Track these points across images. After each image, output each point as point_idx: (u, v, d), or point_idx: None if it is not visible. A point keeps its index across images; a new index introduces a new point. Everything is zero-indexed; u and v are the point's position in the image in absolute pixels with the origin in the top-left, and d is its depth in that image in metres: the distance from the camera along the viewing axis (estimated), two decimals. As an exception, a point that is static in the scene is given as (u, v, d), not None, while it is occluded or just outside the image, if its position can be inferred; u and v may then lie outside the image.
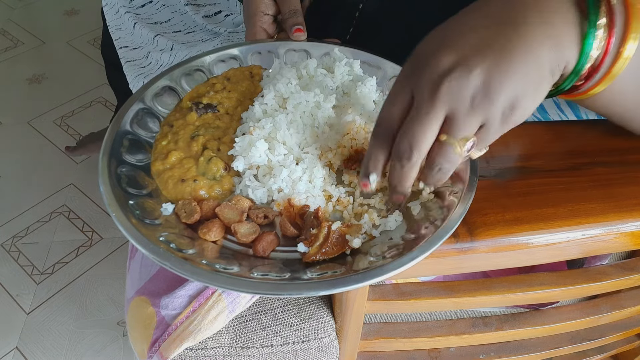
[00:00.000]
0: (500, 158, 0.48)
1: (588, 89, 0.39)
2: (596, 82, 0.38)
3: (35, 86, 1.78)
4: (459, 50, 0.35)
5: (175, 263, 0.37)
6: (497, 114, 0.35)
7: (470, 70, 0.34)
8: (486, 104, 0.35)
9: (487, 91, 0.34)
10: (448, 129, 0.36)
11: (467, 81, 0.34)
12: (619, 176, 0.46)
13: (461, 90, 0.34)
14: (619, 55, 0.36)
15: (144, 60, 0.82)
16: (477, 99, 0.35)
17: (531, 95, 0.36)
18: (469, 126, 0.36)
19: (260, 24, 0.61)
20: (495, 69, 0.34)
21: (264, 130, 0.47)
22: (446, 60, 0.35)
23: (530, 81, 0.35)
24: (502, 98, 0.35)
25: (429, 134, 0.36)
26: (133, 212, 0.41)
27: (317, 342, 0.52)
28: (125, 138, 0.48)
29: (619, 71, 0.37)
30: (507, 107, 0.35)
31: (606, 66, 0.37)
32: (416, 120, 0.36)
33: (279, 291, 0.37)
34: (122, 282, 1.25)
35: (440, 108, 0.35)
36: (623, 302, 0.57)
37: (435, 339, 0.54)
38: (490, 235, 0.41)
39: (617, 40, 0.36)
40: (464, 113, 0.35)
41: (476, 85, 0.34)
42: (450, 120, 0.36)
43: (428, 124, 0.36)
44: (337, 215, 0.45)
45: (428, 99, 0.35)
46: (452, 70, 0.34)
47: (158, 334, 0.49)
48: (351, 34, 0.68)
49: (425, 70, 0.36)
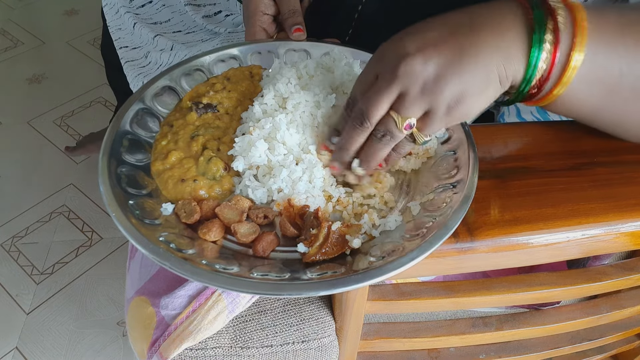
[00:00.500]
0: (500, 158, 0.48)
1: (544, 97, 0.43)
2: (549, 90, 0.42)
3: (35, 86, 1.78)
4: (421, 40, 0.40)
5: (175, 263, 0.37)
6: (442, 105, 0.40)
7: (427, 60, 0.39)
8: (434, 92, 0.39)
9: (436, 81, 0.39)
10: (396, 106, 0.41)
11: (422, 67, 0.39)
12: (619, 176, 0.46)
13: (416, 73, 0.39)
14: (567, 66, 0.40)
15: (143, 60, 0.82)
16: (427, 86, 0.39)
17: (476, 96, 0.40)
18: (414, 108, 0.41)
19: (259, 23, 0.61)
20: (448, 64, 0.39)
21: (264, 130, 0.47)
22: (409, 45, 0.40)
23: (476, 83, 0.40)
24: (449, 91, 0.39)
25: (382, 104, 0.41)
26: (133, 212, 0.41)
27: (317, 342, 0.52)
28: (125, 138, 0.48)
29: (569, 80, 0.41)
30: (452, 101, 0.40)
31: (555, 75, 0.41)
32: (374, 91, 0.41)
33: (279, 291, 0.37)
34: (122, 282, 1.25)
35: (395, 85, 0.40)
36: (623, 302, 0.57)
37: (435, 339, 0.54)
38: (490, 235, 0.41)
39: (564, 54, 0.40)
40: (413, 95, 0.40)
41: (429, 74, 0.39)
42: (400, 99, 0.41)
43: (382, 95, 0.41)
44: (337, 216, 0.45)
45: (387, 74, 0.40)
46: (412, 55, 0.39)
47: (158, 334, 0.49)
48: (350, 35, 0.68)
49: (390, 53, 0.41)
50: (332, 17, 0.69)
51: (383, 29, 0.65)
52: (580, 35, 0.40)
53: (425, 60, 0.39)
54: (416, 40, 0.40)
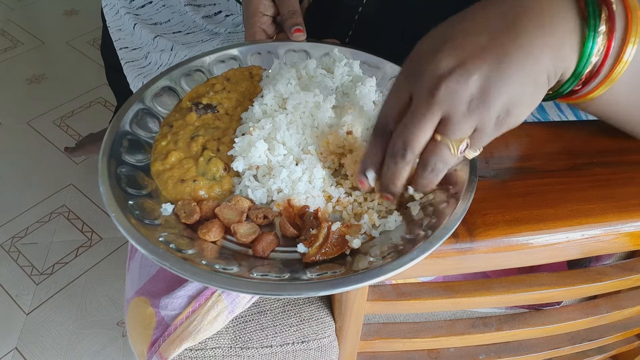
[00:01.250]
0: (499, 158, 0.48)
1: (587, 93, 0.40)
2: (595, 86, 0.39)
3: (34, 86, 1.78)
4: (458, 53, 0.35)
5: (175, 263, 0.37)
6: (492, 118, 0.36)
7: (469, 74, 0.35)
8: (482, 109, 0.35)
9: (483, 96, 0.35)
10: (443, 130, 0.37)
11: (465, 85, 0.35)
12: (619, 176, 0.46)
13: (459, 93, 0.35)
14: (619, 59, 0.37)
15: (143, 60, 0.82)
16: (474, 103, 0.35)
17: (527, 102, 0.36)
18: (464, 128, 0.36)
19: (259, 24, 0.61)
20: (494, 75, 0.35)
21: (264, 131, 0.47)
22: (445, 62, 0.35)
23: (526, 88, 0.36)
24: (498, 103, 0.35)
25: (424, 134, 0.37)
26: (132, 213, 0.41)
27: (316, 343, 0.52)
28: (125, 138, 0.48)
29: (619, 75, 0.38)
30: (502, 112, 0.36)
31: (606, 70, 0.37)
32: (413, 119, 0.37)
33: (279, 291, 0.37)
34: (121, 283, 1.25)
35: (437, 109, 0.36)
36: (623, 302, 0.57)
37: (435, 340, 0.54)
38: (490, 236, 0.41)
39: (617, 45, 0.36)
40: (460, 116, 0.36)
41: (473, 89, 0.35)
42: (445, 121, 0.36)
43: (424, 124, 0.36)
44: (337, 216, 0.45)
45: (425, 99, 0.36)
46: (451, 73, 0.35)
47: (157, 334, 0.49)
48: (350, 35, 0.68)
49: (424, 71, 0.36)
50: (332, 18, 0.69)
51: (383, 30, 0.65)
52: (635, 25, 0.36)
53: (468, 76, 0.34)
54: (452, 53, 0.35)
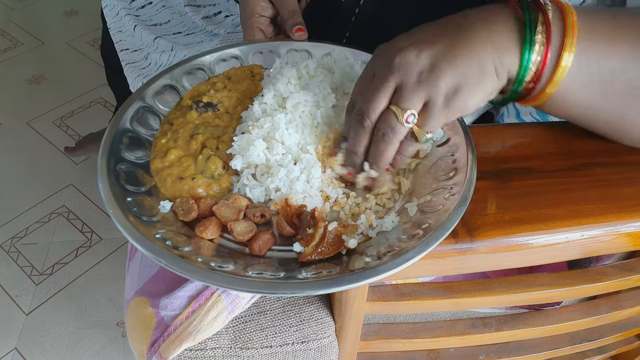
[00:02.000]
0: (499, 159, 0.48)
1: (536, 95, 0.43)
2: (542, 88, 0.42)
3: (34, 87, 1.78)
4: (413, 39, 0.41)
5: (171, 260, 0.37)
6: (440, 95, 0.40)
7: (421, 51, 0.40)
8: (430, 80, 0.40)
9: (432, 70, 0.40)
10: (395, 99, 0.41)
11: (416, 58, 0.40)
12: (618, 177, 0.46)
13: (411, 63, 0.40)
14: (558, 65, 0.41)
15: (143, 61, 0.82)
16: (423, 75, 0.40)
17: (473, 87, 0.40)
18: (413, 99, 0.41)
19: (257, 25, 0.62)
20: (441, 55, 0.40)
21: (263, 130, 0.47)
22: (402, 43, 0.41)
23: (472, 73, 0.40)
24: (446, 80, 0.40)
25: (379, 99, 0.41)
26: (131, 209, 0.41)
27: (316, 343, 0.52)
28: (125, 135, 0.48)
29: (560, 78, 0.41)
30: (450, 91, 0.40)
31: (547, 75, 0.41)
32: (370, 88, 0.42)
33: (273, 290, 0.36)
34: (121, 283, 1.25)
35: (392, 77, 0.41)
36: (622, 302, 0.57)
37: (435, 340, 0.54)
38: (490, 236, 0.41)
39: (554, 52, 0.40)
40: (410, 86, 0.40)
41: (424, 63, 0.40)
42: (398, 90, 0.41)
43: (379, 91, 0.41)
44: (335, 216, 0.45)
45: (382, 70, 0.41)
46: (405, 47, 0.40)
47: (157, 334, 0.49)
48: (348, 36, 0.68)
49: (384, 51, 0.42)
50: (330, 18, 0.69)
51: (381, 30, 0.65)
52: (570, 35, 0.40)
53: (419, 52, 0.40)
54: (409, 38, 0.41)
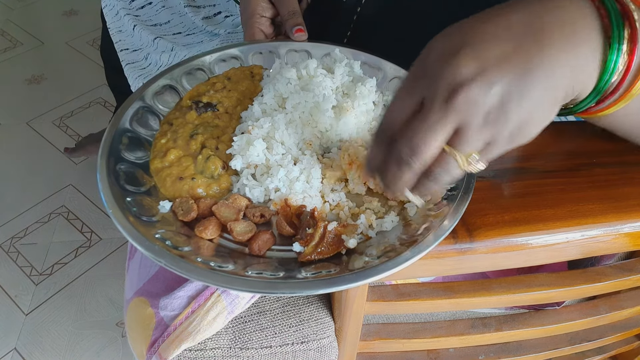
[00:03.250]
0: (499, 158, 0.48)
1: (602, 109, 0.39)
2: (611, 103, 0.38)
3: (34, 87, 1.78)
4: (479, 60, 0.33)
5: (170, 260, 0.37)
6: (506, 134, 0.34)
7: (491, 85, 0.32)
8: (499, 122, 0.33)
9: (502, 110, 0.33)
10: (454, 141, 0.34)
11: (485, 96, 0.32)
12: (618, 177, 0.46)
13: (478, 104, 0.33)
14: (638, 76, 0.36)
15: (144, 62, 0.82)
16: (492, 116, 0.33)
17: (541, 119, 0.35)
18: (477, 142, 0.34)
19: (257, 25, 0.61)
20: (515, 88, 0.33)
21: (263, 130, 0.47)
22: (465, 69, 0.33)
23: (544, 105, 0.34)
24: (515, 119, 0.34)
25: (435, 142, 0.34)
26: (130, 209, 0.41)
27: (316, 343, 0.52)
28: (125, 136, 0.48)
29: (637, 92, 0.37)
30: (517, 128, 0.34)
31: (624, 88, 0.37)
32: (424, 125, 0.34)
33: (273, 290, 0.36)
34: (121, 283, 1.24)
35: (452, 118, 0.33)
36: (622, 302, 0.57)
37: (435, 340, 0.54)
38: (490, 236, 0.41)
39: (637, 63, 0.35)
40: (475, 128, 0.33)
41: (493, 101, 0.33)
42: (459, 132, 0.34)
43: (436, 132, 0.34)
44: (334, 216, 0.45)
45: (441, 106, 0.33)
46: (472, 82, 0.32)
47: (157, 334, 0.49)
48: (349, 36, 0.68)
49: (441, 75, 0.33)
50: (331, 18, 0.69)
51: (381, 31, 0.65)
52: None
53: (489, 86, 0.32)
54: (474, 59, 0.33)
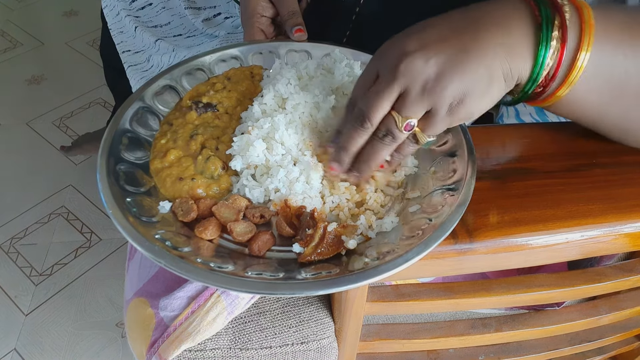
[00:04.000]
0: (498, 159, 0.48)
1: (549, 96, 0.42)
2: (555, 89, 0.41)
3: (34, 87, 1.78)
4: (421, 40, 0.39)
5: (170, 261, 0.37)
6: (444, 104, 0.39)
7: (428, 58, 0.38)
8: (435, 91, 0.39)
9: (438, 80, 0.38)
10: (397, 106, 0.40)
11: (423, 66, 0.38)
12: (618, 177, 0.46)
13: (416, 71, 0.38)
14: (574, 65, 0.39)
15: (145, 63, 0.82)
16: (429, 84, 0.39)
17: (479, 95, 0.39)
18: (416, 108, 0.40)
19: (257, 25, 0.62)
20: (449, 63, 0.38)
21: (262, 130, 0.47)
22: (409, 45, 0.39)
23: (480, 82, 0.39)
24: (451, 90, 0.38)
25: (382, 104, 0.40)
26: (130, 210, 0.41)
27: (316, 344, 0.52)
28: (125, 136, 0.48)
29: (575, 79, 0.40)
30: (455, 100, 0.39)
31: (562, 74, 0.40)
32: (374, 90, 0.41)
33: (273, 290, 0.36)
34: (120, 284, 1.24)
35: (396, 84, 0.39)
36: (622, 303, 0.57)
37: (435, 340, 0.54)
38: (489, 237, 0.41)
39: (570, 53, 0.39)
40: (415, 94, 0.39)
41: (430, 71, 0.38)
42: (401, 97, 0.40)
43: (382, 95, 0.40)
44: (334, 216, 0.45)
45: (387, 73, 0.40)
46: (412, 53, 0.39)
47: (157, 335, 0.49)
48: (349, 36, 0.68)
49: (391, 52, 0.40)
50: (331, 18, 0.69)
51: (381, 30, 0.65)
52: (587, 34, 0.39)
53: (427, 58, 0.38)
54: (417, 39, 0.39)
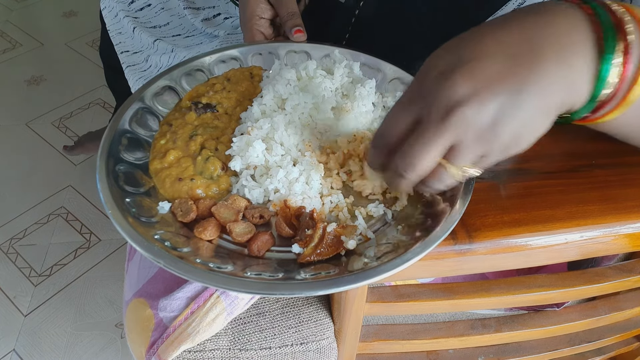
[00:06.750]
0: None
1: (598, 118, 0.39)
2: (606, 112, 0.38)
3: (33, 88, 1.78)
4: (473, 80, 0.35)
5: (169, 261, 0.37)
6: (499, 148, 0.36)
7: (484, 105, 0.34)
8: (491, 139, 0.35)
9: (495, 127, 0.35)
10: (449, 157, 0.36)
11: (479, 115, 0.34)
12: (617, 178, 0.46)
13: (472, 122, 0.34)
14: (632, 86, 0.36)
15: (144, 64, 0.82)
16: (485, 134, 0.35)
17: (534, 132, 0.36)
18: (471, 156, 0.36)
19: (256, 27, 0.62)
20: (508, 107, 0.34)
21: (262, 131, 0.47)
22: (460, 88, 0.35)
23: (536, 120, 0.36)
24: (506, 135, 0.35)
25: (431, 158, 0.36)
26: (129, 210, 0.41)
27: (315, 344, 0.52)
28: (124, 136, 0.48)
29: (632, 102, 0.37)
30: (509, 142, 0.36)
31: (618, 98, 0.37)
32: (420, 141, 0.36)
33: (272, 291, 0.36)
34: (120, 284, 1.24)
35: (447, 136, 0.35)
36: (621, 304, 0.57)
37: (434, 341, 0.54)
38: (489, 237, 0.41)
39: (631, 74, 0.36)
40: (469, 144, 0.35)
41: (487, 119, 0.35)
42: (453, 149, 0.36)
43: (432, 148, 0.36)
44: (333, 217, 0.45)
45: (437, 124, 0.35)
46: (466, 102, 0.34)
47: (156, 336, 0.49)
48: (348, 37, 0.68)
49: (437, 94, 0.35)
50: (329, 19, 0.69)
51: (380, 32, 0.65)
52: None
53: (483, 105, 0.34)
54: (469, 78, 0.35)
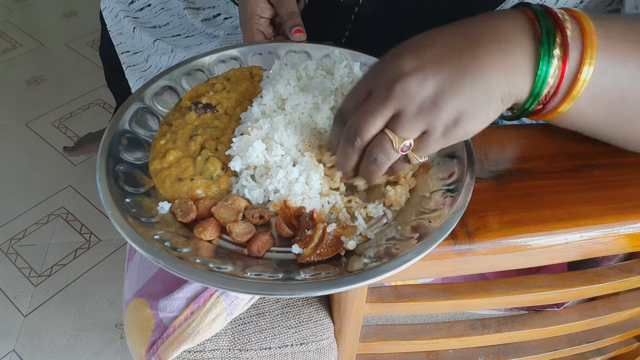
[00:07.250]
0: (497, 160, 0.48)
1: (551, 111, 0.41)
2: (556, 104, 0.40)
3: (33, 88, 1.78)
4: (418, 60, 0.38)
5: (169, 261, 0.37)
6: (440, 125, 0.38)
7: (425, 78, 0.37)
8: (431, 112, 0.38)
9: (434, 101, 0.38)
10: (392, 125, 0.39)
11: (419, 86, 0.37)
12: (617, 178, 0.46)
13: (412, 92, 0.38)
14: (576, 80, 0.38)
15: (144, 64, 0.82)
16: (425, 106, 0.38)
17: (476, 116, 0.38)
18: (411, 128, 0.39)
19: (256, 26, 0.62)
20: (446, 84, 0.37)
21: (262, 131, 0.47)
22: (406, 64, 0.38)
23: (476, 103, 0.38)
24: (447, 111, 0.38)
25: (374, 124, 0.40)
26: (129, 210, 0.41)
27: (315, 345, 0.52)
28: (124, 136, 0.48)
29: (577, 95, 0.39)
30: (451, 121, 0.38)
31: (564, 90, 0.39)
32: (366, 109, 0.40)
33: (272, 291, 0.36)
34: (120, 285, 1.24)
35: (390, 104, 0.38)
36: (621, 304, 0.57)
37: (434, 341, 0.54)
38: (489, 237, 0.41)
39: (572, 68, 0.38)
40: (410, 115, 0.38)
41: (427, 92, 0.37)
42: (396, 118, 0.39)
43: (375, 115, 0.39)
44: (333, 217, 0.45)
45: (381, 93, 0.39)
46: (410, 74, 0.38)
47: (156, 336, 0.49)
48: (347, 37, 0.68)
49: (385, 69, 0.39)
50: (329, 19, 0.69)
51: (379, 31, 0.65)
52: (590, 48, 0.38)
53: (423, 79, 0.37)
54: (414, 58, 0.38)
